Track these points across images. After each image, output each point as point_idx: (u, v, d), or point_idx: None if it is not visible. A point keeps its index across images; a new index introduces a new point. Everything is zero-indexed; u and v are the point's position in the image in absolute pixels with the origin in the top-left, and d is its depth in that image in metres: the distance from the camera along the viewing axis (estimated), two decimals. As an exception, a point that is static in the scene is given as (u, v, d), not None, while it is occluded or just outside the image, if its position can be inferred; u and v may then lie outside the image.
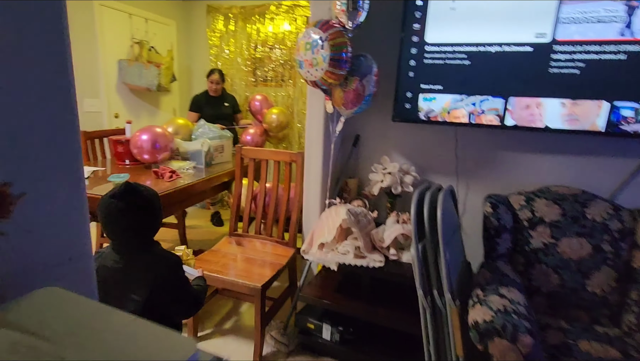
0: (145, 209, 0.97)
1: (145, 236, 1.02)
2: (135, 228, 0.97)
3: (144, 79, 3.22)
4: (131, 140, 2.13)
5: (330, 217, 1.56)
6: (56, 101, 0.55)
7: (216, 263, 1.66)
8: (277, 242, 1.91)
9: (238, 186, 2.02)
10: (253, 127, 2.93)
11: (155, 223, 1.04)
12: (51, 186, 0.56)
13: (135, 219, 0.96)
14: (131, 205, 0.94)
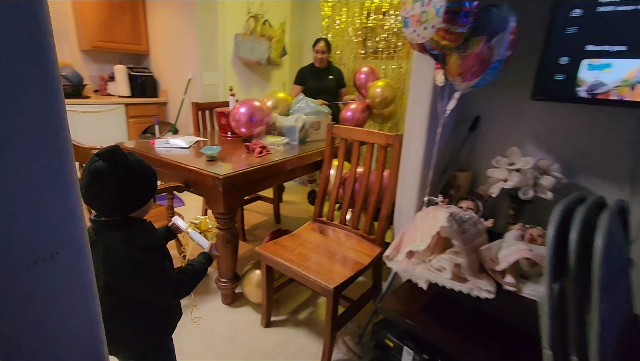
0: (125, 177, 0.82)
1: (119, 210, 0.86)
2: (108, 196, 0.82)
3: (256, 52, 3.28)
4: (230, 113, 2.14)
5: (426, 219, 1.23)
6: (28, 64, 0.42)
7: (292, 251, 1.53)
8: (362, 236, 1.67)
9: (326, 168, 1.83)
10: (355, 103, 2.68)
11: (133, 197, 0.86)
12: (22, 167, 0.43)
13: (110, 185, 0.81)
14: (110, 169, 0.80)
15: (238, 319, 1.72)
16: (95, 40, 3.32)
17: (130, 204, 0.87)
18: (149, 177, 0.89)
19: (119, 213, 0.86)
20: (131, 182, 0.84)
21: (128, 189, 0.84)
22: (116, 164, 0.81)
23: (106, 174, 0.80)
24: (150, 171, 0.90)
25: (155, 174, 0.92)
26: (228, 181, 1.52)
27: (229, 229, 1.67)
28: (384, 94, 2.55)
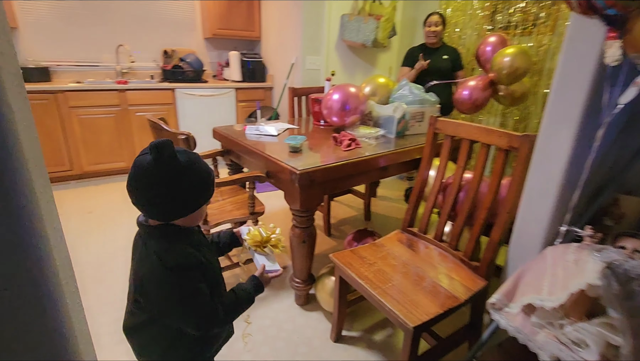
0: (168, 178, 0.69)
1: (160, 214, 0.73)
2: (149, 197, 0.70)
3: (361, 33, 3.03)
4: (323, 99, 1.98)
5: (562, 262, 0.85)
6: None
7: (370, 266, 1.30)
8: (462, 261, 1.33)
9: (424, 169, 1.51)
10: (474, 78, 2.20)
11: (177, 202, 0.72)
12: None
13: (152, 185, 0.69)
14: (154, 165, 0.68)
15: (308, 325, 1.59)
16: (215, 27, 3.55)
17: (174, 210, 0.73)
18: (200, 181, 0.74)
19: (161, 218, 0.74)
20: (176, 184, 0.70)
21: (172, 192, 0.71)
22: (161, 161, 0.68)
23: (149, 171, 0.69)
24: (202, 174, 0.74)
25: (210, 179, 0.76)
26: (305, 176, 1.36)
27: (306, 229, 1.53)
28: (515, 63, 1.97)
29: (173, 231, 0.75)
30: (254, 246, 0.91)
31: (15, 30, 3.03)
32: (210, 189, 0.77)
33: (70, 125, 2.95)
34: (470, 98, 2.12)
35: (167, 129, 1.42)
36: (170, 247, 0.74)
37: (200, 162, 0.75)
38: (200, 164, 0.75)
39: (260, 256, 0.91)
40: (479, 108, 2.18)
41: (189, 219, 0.77)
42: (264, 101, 3.78)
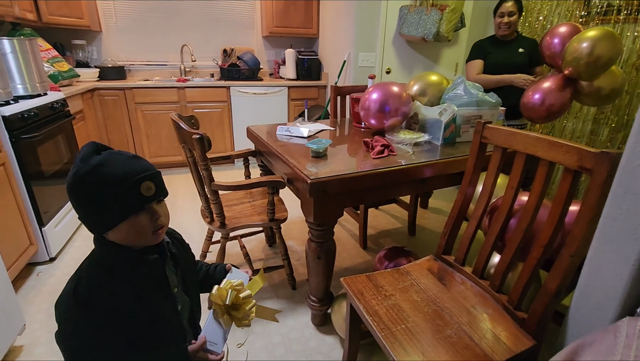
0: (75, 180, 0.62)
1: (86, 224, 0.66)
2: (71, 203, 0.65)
3: (421, 27, 2.73)
4: (361, 99, 1.78)
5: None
6: None
7: (385, 299, 1.09)
8: (505, 308, 1.04)
9: (467, 184, 1.24)
10: (547, 79, 1.80)
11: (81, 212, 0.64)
12: None
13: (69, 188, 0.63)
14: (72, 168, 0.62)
15: (319, 350, 1.43)
16: (273, 25, 3.55)
17: (88, 220, 0.64)
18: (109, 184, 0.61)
19: (90, 230, 0.66)
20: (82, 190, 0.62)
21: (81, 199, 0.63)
22: (75, 164, 0.62)
23: (68, 176, 0.63)
24: (114, 177, 0.61)
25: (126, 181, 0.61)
26: (318, 186, 1.19)
27: (322, 243, 1.36)
28: (596, 50, 1.53)
29: (108, 251, 0.65)
30: (215, 305, 0.72)
31: (99, 34, 3.37)
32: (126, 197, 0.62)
33: (136, 120, 3.19)
34: (544, 103, 1.72)
35: (185, 128, 1.37)
36: (92, 273, 0.64)
37: (116, 164, 0.62)
38: (113, 165, 0.61)
39: (212, 322, 0.70)
40: (555, 115, 1.77)
41: (122, 236, 0.64)
42: (316, 100, 3.68)
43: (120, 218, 0.62)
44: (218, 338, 0.68)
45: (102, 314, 0.61)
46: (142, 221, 0.64)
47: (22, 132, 1.77)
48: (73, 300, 0.61)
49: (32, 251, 1.84)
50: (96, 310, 0.61)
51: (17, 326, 1.38)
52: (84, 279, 0.63)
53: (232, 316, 0.71)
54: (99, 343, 0.62)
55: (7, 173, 1.69)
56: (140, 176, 0.62)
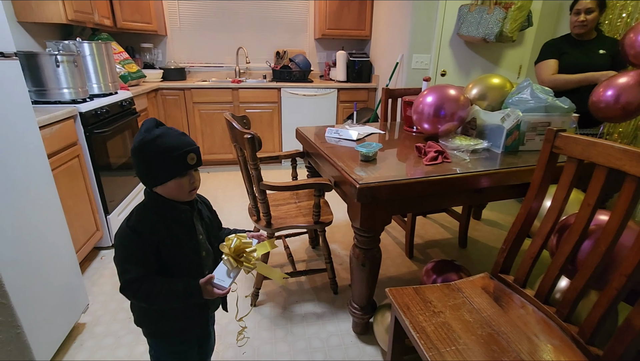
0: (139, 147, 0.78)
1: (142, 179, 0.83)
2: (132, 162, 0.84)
3: (482, 26, 2.57)
4: (414, 102, 1.70)
5: None
6: None
7: (434, 316, 1.02)
8: (575, 341, 0.92)
9: (533, 198, 1.12)
10: (624, 75, 1.59)
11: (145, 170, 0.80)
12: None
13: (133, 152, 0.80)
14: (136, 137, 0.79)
15: (359, 360, 1.38)
16: (325, 28, 3.56)
17: (143, 177, 0.81)
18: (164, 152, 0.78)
19: (145, 185, 0.83)
20: (143, 154, 0.78)
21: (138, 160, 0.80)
22: (139, 133, 0.79)
23: (133, 142, 0.80)
24: (168, 146, 0.78)
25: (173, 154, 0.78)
26: (366, 191, 1.15)
27: (367, 250, 1.32)
28: None
29: (154, 199, 0.82)
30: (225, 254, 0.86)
31: (164, 38, 3.62)
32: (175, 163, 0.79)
33: (193, 118, 3.37)
34: (617, 101, 1.52)
35: (237, 127, 1.41)
36: (141, 211, 0.82)
37: (170, 137, 0.79)
38: (169, 138, 0.78)
39: (221, 265, 0.85)
40: (631, 115, 1.56)
41: (167, 191, 0.81)
42: (365, 103, 3.63)
43: (169, 177, 0.80)
44: (224, 277, 0.83)
45: (143, 239, 0.79)
46: (183, 182, 0.81)
47: (95, 127, 1.94)
48: (126, 227, 0.80)
49: (98, 237, 2.01)
50: (140, 235, 0.79)
51: (82, 305, 1.51)
52: (134, 214, 0.82)
53: (237, 261, 0.84)
54: (135, 265, 0.79)
55: (81, 164, 1.86)
56: (187, 149, 0.80)
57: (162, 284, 0.80)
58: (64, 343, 1.42)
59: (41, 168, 1.30)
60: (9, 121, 1.14)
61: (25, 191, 1.19)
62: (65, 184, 1.69)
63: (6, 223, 1.09)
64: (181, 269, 0.85)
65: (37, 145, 1.28)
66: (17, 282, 1.09)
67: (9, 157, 1.13)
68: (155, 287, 0.79)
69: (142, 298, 0.79)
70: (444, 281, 1.54)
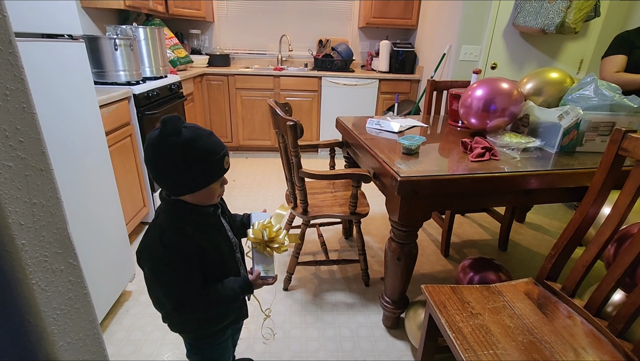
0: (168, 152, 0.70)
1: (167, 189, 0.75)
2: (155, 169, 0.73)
3: (542, 16, 2.39)
4: (462, 96, 1.63)
5: None
6: None
7: (472, 318, 0.99)
8: (627, 357, 0.86)
9: (590, 202, 1.04)
10: None
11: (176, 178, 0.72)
12: None
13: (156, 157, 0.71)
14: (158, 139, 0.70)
15: (388, 354, 1.38)
16: (370, 16, 3.48)
17: (176, 185, 0.73)
18: (199, 159, 0.71)
19: (169, 192, 0.76)
20: (174, 160, 0.70)
21: (171, 167, 0.71)
22: (164, 135, 0.69)
23: (154, 144, 0.70)
24: (204, 152, 0.71)
25: (212, 158, 0.72)
26: (407, 185, 1.13)
27: (404, 245, 1.30)
28: None
29: (181, 208, 0.76)
30: (254, 244, 0.86)
31: (212, 24, 3.71)
32: (214, 169, 0.74)
33: (235, 104, 3.46)
34: None
35: (280, 114, 1.42)
36: (173, 225, 0.75)
37: (205, 140, 0.72)
38: (205, 141, 0.72)
39: (260, 258, 0.84)
40: None
41: (197, 197, 0.76)
42: (407, 95, 3.53)
43: (207, 184, 0.74)
44: (267, 267, 0.83)
45: (187, 255, 0.74)
46: (215, 187, 0.77)
47: (146, 109, 2.05)
48: (161, 246, 0.72)
49: (145, 212, 2.14)
50: (182, 252, 0.73)
51: (129, 274, 1.62)
52: (167, 229, 0.74)
53: (271, 248, 0.84)
54: (190, 281, 0.75)
55: (132, 144, 1.97)
56: (223, 152, 0.74)
57: (218, 292, 0.78)
58: (112, 308, 1.54)
59: (100, 145, 1.40)
60: (75, 98, 1.23)
61: (85, 164, 1.29)
62: (119, 161, 1.81)
63: (68, 192, 1.19)
64: (224, 271, 0.83)
65: (97, 123, 1.38)
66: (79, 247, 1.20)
67: (73, 132, 1.22)
68: (212, 297, 0.77)
69: (202, 310, 0.78)
70: (481, 279, 1.49)
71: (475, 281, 1.50)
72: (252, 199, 2.64)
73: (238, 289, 0.81)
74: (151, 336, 1.42)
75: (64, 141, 1.17)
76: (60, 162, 1.15)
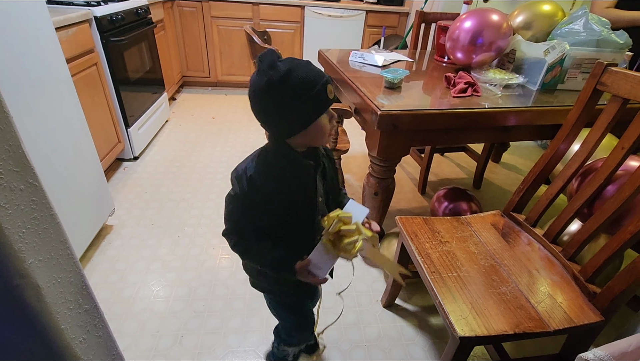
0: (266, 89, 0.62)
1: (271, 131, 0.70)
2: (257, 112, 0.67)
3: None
4: (450, 28, 1.56)
5: None
6: None
7: (440, 245, 1.05)
8: (575, 278, 0.95)
9: (563, 139, 1.07)
10: None
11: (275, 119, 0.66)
12: None
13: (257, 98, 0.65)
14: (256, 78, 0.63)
15: (362, 280, 1.49)
16: (359, -64, 3.14)
17: (282, 125, 0.66)
18: (300, 91, 0.62)
19: (279, 137, 0.69)
20: (273, 96, 0.62)
21: (273, 104, 0.63)
22: (262, 73, 0.62)
23: (254, 84, 0.64)
24: (304, 83, 0.62)
25: (315, 89, 0.63)
26: (387, 119, 1.11)
27: (381, 180, 1.32)
28: None
29: (281, 153, 0.70)
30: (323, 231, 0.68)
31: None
32: (315, 102, 0.64)
33: (211, 35, 3.20)
34: None
35: (258, 42, 1.33)
36: (264, 162, 0.70)
37: (302, 70, 0.63)
38: (302, 71, 0.63)
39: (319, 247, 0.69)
40: None
41: (308, 137, 0.68)
42: (394, 29, 3.35)
43: (312, 120, 0.65)
44: (323, 264, 0.69)
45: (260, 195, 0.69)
46: (324, 122, 0.67)
47: (111, 35, 1.87)
48: (246, 178, 0.69)
49: (120, 149, 2.07)
50: (257, 190, 0.69)
51: (108, 208, 1.61)
52: (255, 165, 0.70)
53: (335, 246, 0.68)
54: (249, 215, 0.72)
55: (99, 73, 1.83)
56: (324, 80, 0.65)
57: (261, 249, 0.74)
58: (95, 239, 1.56)
59: (60, 70, 1.29)
60: (25, 17, 1.10)
61: (45, 90, 1.20)
62: (86, 93, 1.69)
63: (26, 116, 1.12)
64: (291, 233, 0.74)
65: (54, 46, 1.26)
66: (44, 170, 1.17)
67: (27, 54, 1.11)
68: (253, 248, 0.74)
69: (239, 252, 0.75)
70: (455, 208, 1.58)
71: (448, 210, 1.59)
72: (232, 137, 2.59)
73: (277, 263, 0.73)
74: (136, 265, 1.46)
75: (14, 61, 1.07)
76: (14, 87, 1.06)
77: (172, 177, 2.06)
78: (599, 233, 0.99)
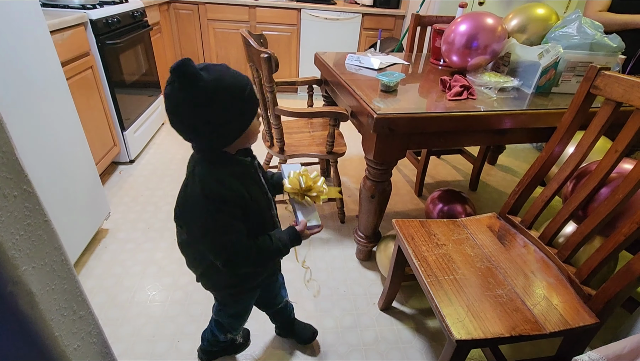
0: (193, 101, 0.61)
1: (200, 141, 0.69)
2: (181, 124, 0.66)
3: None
4: (445, 31, 1.57)
5: None
6: None
7: (436, 248, 1.05)
8: (570, 280, 0.95)
9: (557, 142, 1.08)
10: None
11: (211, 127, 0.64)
12: None
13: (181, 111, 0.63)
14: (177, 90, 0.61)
15: (360, 283, 1.48)
16: (355, -61, 3.16)
17: (213, 137, 0.66)
18: (233, 99, 0.63)
19: (214, 146, 0.69)
20: (205, 108, 0.61)
21: (204, 117, 0.62)
22: (184, 85, 0.60)
23: (175, 97, 0.62)
24: (234, 90, 0.63)
25: (245, 94, 0.64)
26: (384, 122, 1.12)
27: (378, 183, 1.33)
28: None
29: (220, 158, 0.71)
30: (292, 194, 0.82)
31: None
32: (249, 105, 0.67)
33: (207, 37, 3.20)
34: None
35: (254, 45, 1.33)
36: (214, 175, 0.69)
37: (229, 77, 0.63)
38: (229, 79, 0.63)
39: (301, 208, 0.81)
40: None
41: (243, 140, 0.71)
42: (391, 32, 3.36)
43: (249, 122, 0.68)
44: (310, 216, 0.81)
45: (232, 206, 0.69)
46: (255, 122, 0.71)
47: (107, 37, 1.86)
48: (204, 199, 0.67)
49: (115, 152, 2.06)
50: (227, 203, 0.68)
51: (103, 212, 1.60)
52: (207, 181, 0.68)
53: (310, 197, 0.81)
54: (237, 233, 0.71)
55: (95, 77, 1.83)
56: (248, 80, 0.67)
57: (267, 244, 0.76)
58: (90, 244, 1.55)
59: (55, 73, 1.28)
60: (19, 20, 1.10)
61: (40, 94, 1.20)
62: (81, 96, 1.69)
63: (20, 120, 1.11)
64: (263, 226, 0.78)
65: (49, 49, 1.25)
66: (39, 175, 1.16)
67: (21, 57, 1.11)
68: (264, 245, 0.75)
69: (253, 262, 0.74)
70: (449, 210, 1.58)
71: (443, 212, 1.59)
72: (229, 139, 2.58)
73: (287, 241, 0.78)
74: (131, 270, 1.45)
75: (8, 65, 1.06)
76: (8, 92, 1.06)
77: (168, 181, 2.06)
78: (594, 235, 0.99)
